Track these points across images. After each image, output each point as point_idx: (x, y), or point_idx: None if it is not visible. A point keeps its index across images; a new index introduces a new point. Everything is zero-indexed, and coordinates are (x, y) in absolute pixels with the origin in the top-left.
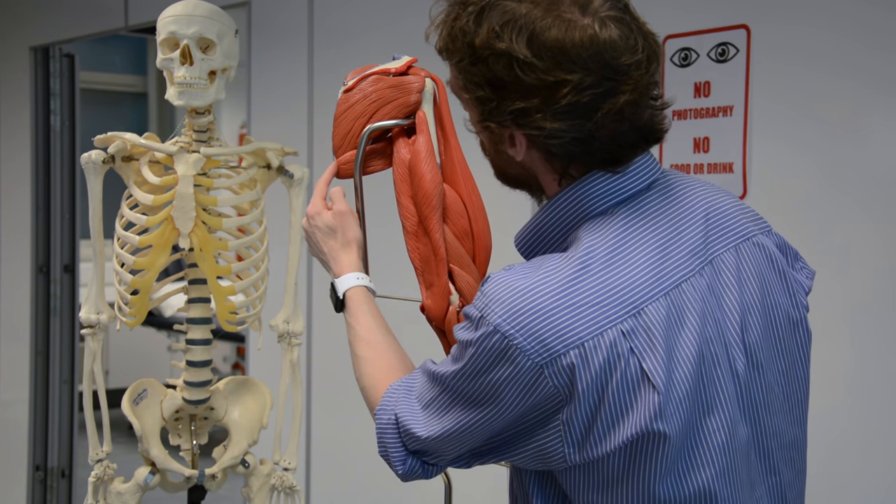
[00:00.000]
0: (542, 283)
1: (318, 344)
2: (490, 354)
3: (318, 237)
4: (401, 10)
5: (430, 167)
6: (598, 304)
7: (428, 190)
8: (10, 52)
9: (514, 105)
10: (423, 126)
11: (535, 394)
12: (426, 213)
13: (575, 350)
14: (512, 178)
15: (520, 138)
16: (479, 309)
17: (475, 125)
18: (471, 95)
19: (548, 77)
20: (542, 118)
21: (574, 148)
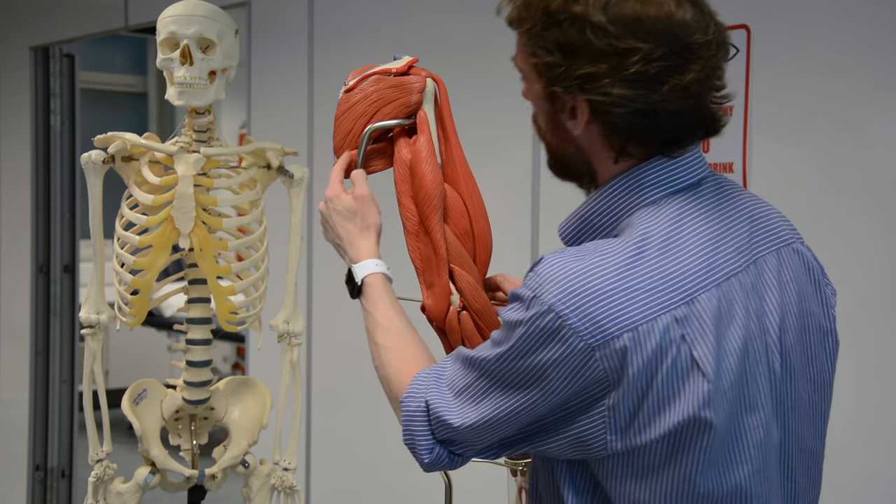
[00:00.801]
0: (598, 265)
1: (318, 344)
2: (541, 334)
3: (335, 220)
4: (401, 10)
5: (431, 167)
6: (653, 290)
7: (429, 190)
8: (10, 52)
9: (583, 69)
10: (425, 126)
11: (583, 377)
12: (427, 213)
13: (628, 333)
14: (565, 163)
15: (583, 107)
16: (531, 289)
17: (538, 98)
18: (539, 60)
19: (619, 44)
20: (609, 84)
21: (636, 120)
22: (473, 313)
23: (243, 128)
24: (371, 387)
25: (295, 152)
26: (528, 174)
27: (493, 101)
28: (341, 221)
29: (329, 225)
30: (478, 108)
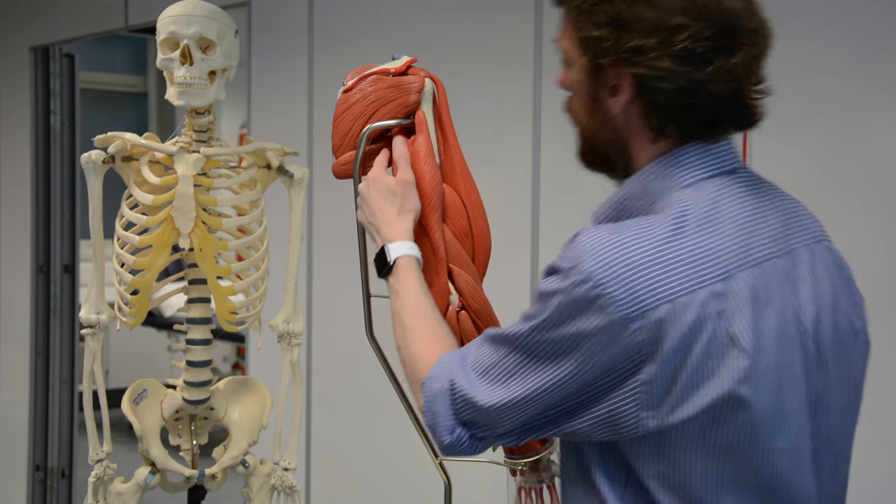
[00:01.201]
0: (638, 238)
1: (318, 344)
2: (579, 303)
3: (374, 199)
4: (401, 10)
5: (429, 167)
6: (692, 264)
7: (427, 189)
8: (10, 52)
9: (633, 42)
10: (423, 126)
11: (617, 350)
12: (425, 213)
13: (666, 305)
14: (599, 149)
15: (627, 82)
16: (570, 259)
17: (580, 77)
18: (588, 34)
19: (670, 19)
20: (657, 58)
21: (679, 99)
22: (472, 313)
23: (243, 128)
24: (371, 387)
25: (295, 152)
26: (528, 174)
27: (494, 101)
28: (380, 201)
29: (366, 204)
30: (478, 108)
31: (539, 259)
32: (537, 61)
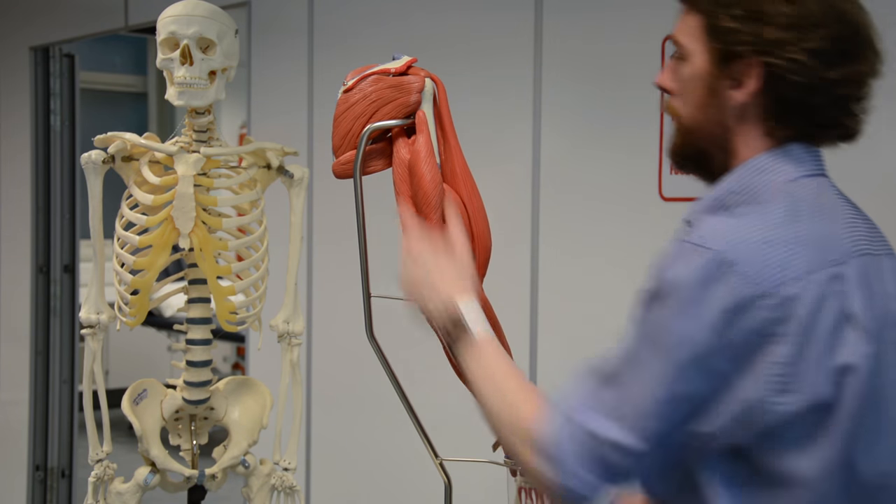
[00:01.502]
0: (758, 221)
1: (318, 344)
2: (707, 282)
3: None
4: (401, 10)
5: (429, 167)
6: (812, 246)
7: (427, 190)
8: (10, 52)
9: (772, 35)
10: (423, 126)
11: (745, 328)
12: (426, 213)
13: (792, 283)
14: (699, 145)
15: (756, 76)
16: (696, 242)
17: (700, 70)
18: (723, 25)
19: (809, 17)
20: (794, 51)
21: (806, 95)
22: None
23: (243, 128)
24: (371, 387)
25: (295, 152)
26: (528, 174)
27: (494, 101)
28: (436, 258)
29: (418, 265)
30: (478, 108)
31: (539, 259)
32: (537, 60)
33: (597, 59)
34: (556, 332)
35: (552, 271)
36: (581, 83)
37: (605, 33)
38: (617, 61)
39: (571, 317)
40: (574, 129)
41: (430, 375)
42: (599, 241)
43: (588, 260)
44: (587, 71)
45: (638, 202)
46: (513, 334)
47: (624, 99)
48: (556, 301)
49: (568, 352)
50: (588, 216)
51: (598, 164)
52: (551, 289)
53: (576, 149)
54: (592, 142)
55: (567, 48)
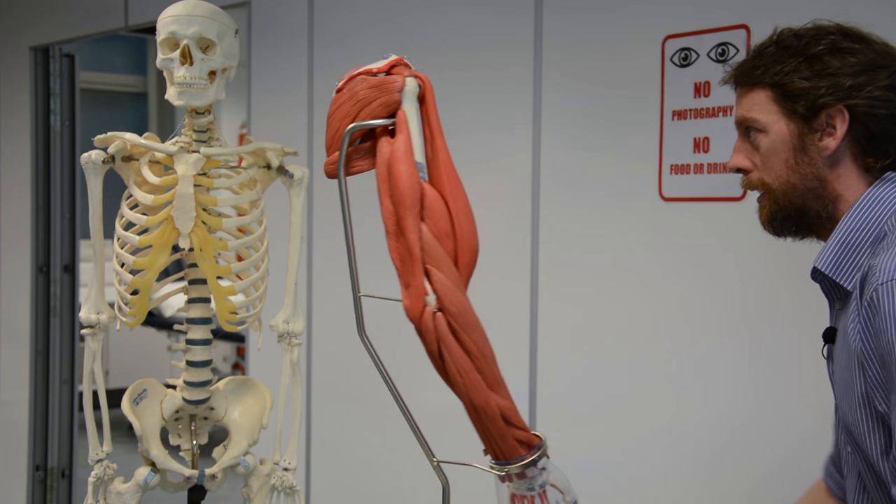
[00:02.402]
0: None
1: (318, 344)
2: None
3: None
4: (401, 10)
5: (406, 166)
6: None
7: (403, 189)
8: (10, 52)
9: (848, 82)
10: (403, 126)
11: None
12: (402, 213)
13: None
14: (798, 202)
15: (844, 118)
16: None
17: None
18: (798, 87)
19: (871, 63)
20: (872, 90)
21: (891, 126)
22: (448, 315)
23: (243, 128)
24: (371, 387)
25: (295, 152)
26: (528, 174)
27: (494, 101)
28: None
29: None
30: (478, 108)
31: (539, 259)
32: (537, 61)
33: (597, 58)
34: (556, 332)
35: (552, 272)
36: (581, 83)
37: (606, 33)
38: (617, 61)
39: (572, 317)
40: (574, 129)
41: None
42: (600, 241)
43: (588, 260)
44: (587, 71)
45: (638, 202)
46: (513, 334)
47: (624, 99)
48: (557, 301)
49: (568, 352)
50: (588, 216)
51: (599, 164)
52: (551, 289)
53: (576, 149)
54: (593, 142)
55: (567, 48)
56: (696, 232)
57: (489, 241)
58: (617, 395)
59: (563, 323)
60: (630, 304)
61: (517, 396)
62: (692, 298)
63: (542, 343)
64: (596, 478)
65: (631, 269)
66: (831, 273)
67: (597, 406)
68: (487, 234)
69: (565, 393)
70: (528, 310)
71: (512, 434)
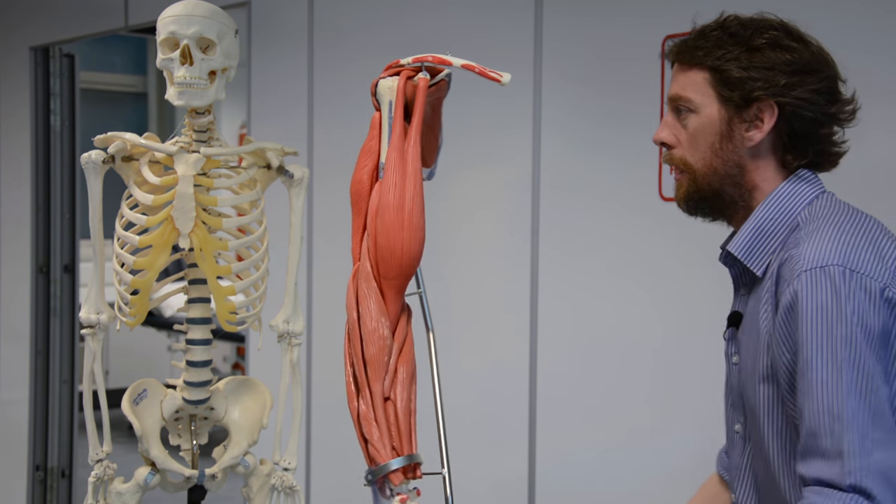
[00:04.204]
0: (840, 235)
1: (318, 344)
2: (850, 291)
3: None
4: (401, 10)
5: (356, 168)
6: (884, 239)
7: (350, 188)
8: (10, 52)
9: (783, 80)
10: (372, 129)
11: (889, 314)
12: (353, 211)
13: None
14: (715, 186)
15: (773, 113)
16: (814, 265)
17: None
18: (737, 75)
19: (809, 64)
20: (803, 91)
21: (813, 129)
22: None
23: (243, 128)
24: None
25: (295, 152)
26: (528, 174)
27: (494, 101)
28: None
29: None
30: (479, 109)
31: (539, 259)
32: (537, 61)
33: (597, 58)
34: (556, 332)
35: (552, 272)
36: (581, 83)
37: (606, 33)
38: (617, 62)
39: (571, 317)
40: (574, 130)
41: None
42: (600, 241)
43: (588, 260)
44: (587, 71)
45: (638, 202)
46: (513, 334)
47: (624, 99)
48: (557, 301)
49: (568, 352)
50: (588, 216)
51: (598, 164)
52: (551, 289)
53: (576, 149)
54: (592, 142)
55: (567, 48)
56: (696, 232)
57: (489, 241)
58: (617, 394)
59: (564, 323)
60: (630, 304)
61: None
62: (692, 298)
63: (543, 343)
64: (596, 477)
65: (631, 269)
66: (743, 258)
67: (597, 405)
68: (488, 234)
69: (565, 392)
70: (529, 310)
71: (364, 443)
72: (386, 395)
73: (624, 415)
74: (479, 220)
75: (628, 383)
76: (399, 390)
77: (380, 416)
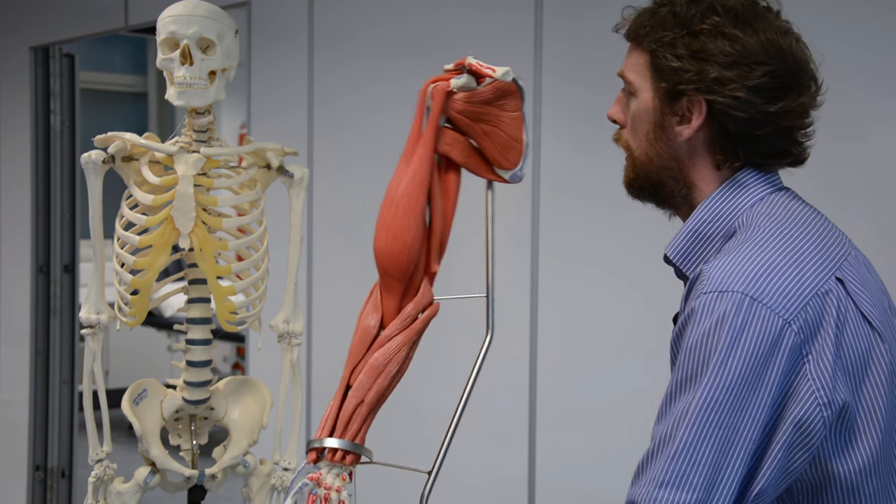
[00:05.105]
0: (759, 252)
1: (318, 344)
2: (744, 324)
3: None
4: (401, 10)
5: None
6: (813, 258)
7: None
8: (10, 52)
9: (715, 73)
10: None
11: (782, 357)
12: None
13: (813, 301)
14: (653, 177)
15: (700, 110)
16: (715, 288)
17: (647, 106)
18: (668, 64)
19: (750, 56)
20: (736, 89)
21: (748, 129)
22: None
23: (243, 128)
24: None
25: (295, 152)
26: (528, 175)
27: None
28: None
29: None
30: None
31: (539, 262)
32: (537, 61)
33: (597, 58)
34: (556, 332)
35: (552, 274)
36: (581, 83)
37: (605, 35)
38: (617, 62)
39: (572, 319)
40: (574, 129)
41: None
42: (600, 241)
43: (588, 263)
44: (587, 71)
45: (638, 205)
46: (513, 337)
47: None
48: (557, 302)
49: (568, 355)
50: (588, 218)
51: (599, 163)
52: (551, 290)
53: (576, 151)
54: (593, 142)
55: (567, 51)
56: None
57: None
58: (617, 393)
59: (564, 323)
60: (630, 304)
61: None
62: None
63: (543, 342)
64: (596, 475)
65: (631, 269)
66: (679, 262)
67: (597, 404)
68: None
69: (565, 391)
70: (529, 313)
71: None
72: (351, 382)
73: (624, 414)
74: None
75: (628, 382)
76: (361, 378)
77: (336, 398)
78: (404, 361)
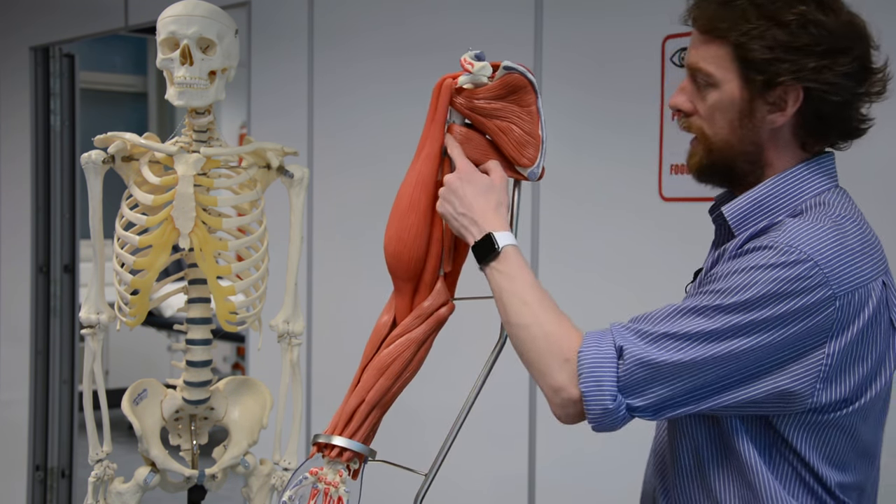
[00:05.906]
0: (834, 230)
1: (318, 344)
2: (795, 279)
3: (468, 192)
4: (401, 10)
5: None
6: (872, 256)
7: None
8: (10, 52)
9: (812, 63)
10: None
11: (814, 323)
12: None
13: (862, 289)
14: (730, 160)
15: (797, 98)
16: (784, 241)
17: (733, 96)
18: (759, 56)
19: (838, 42)
20: (831, 75)
21: (841, 111)
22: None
23: (243, 128)
24: None
25: (295, 152)
26: None
27: None
28: (475, 195)
29: (457, 196)
30: None
31: (539, 261)
32: (537, 61)
33: (597, 58)
34: None
35: (552, 272)
36: (581, 83)
37: (606, 33)
38: (617, 61)
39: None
40: (574, 130)
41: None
42: (600, 242)
43: (589, 261)
44: (587, 71)
45: (638, 203)
46: None
47: (624, 99)
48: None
49: None
50: (588, 217)
51: (599, 164)
52: (551, 290)
53: (576, 149)
54: (593, 142)
55: (567, 49)
56: (696, 232)
57: None
58: None
59: None
60: (630, 304)
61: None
62: None
63: None
64: (597, 474)
65: (631, 269)
66: (735, 225)
67: None
68: None
69: None
70: None
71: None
72: (358, 379)
73: None
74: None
75: None
76: (365, 376)
77: (346, 395)
78: (412, 361)
